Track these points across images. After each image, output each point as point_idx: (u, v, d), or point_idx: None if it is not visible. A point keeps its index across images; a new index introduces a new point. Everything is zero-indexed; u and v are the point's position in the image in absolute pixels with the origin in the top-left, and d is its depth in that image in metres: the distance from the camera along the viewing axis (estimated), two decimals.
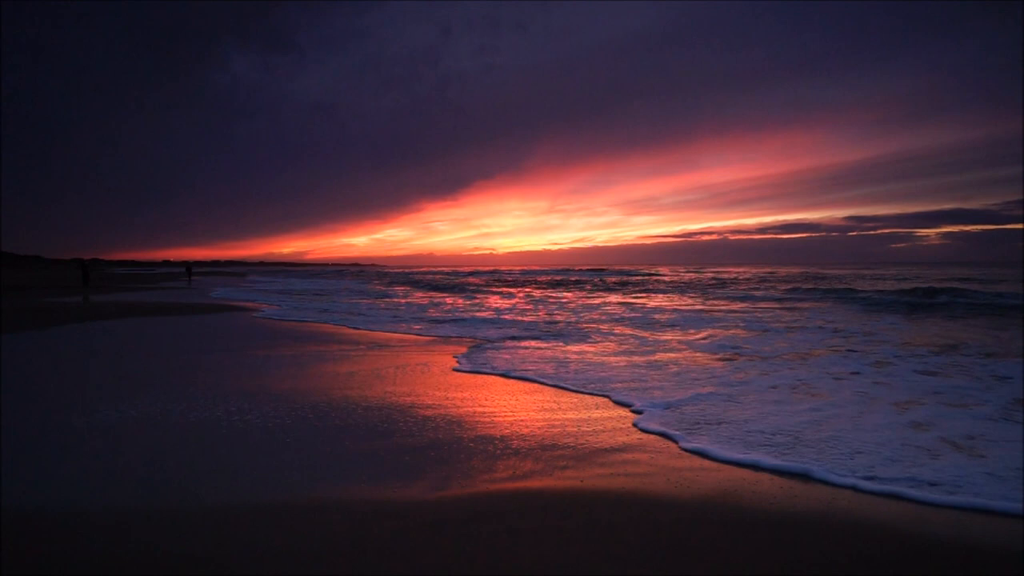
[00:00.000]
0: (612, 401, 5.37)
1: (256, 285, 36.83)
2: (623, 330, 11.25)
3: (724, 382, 6.15)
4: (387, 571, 2.35)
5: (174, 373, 6.58)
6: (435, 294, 26.85)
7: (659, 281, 37.60)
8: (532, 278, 47.91)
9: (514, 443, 4.10)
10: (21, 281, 35.67)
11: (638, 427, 4.54)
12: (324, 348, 8.78)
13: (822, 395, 5.50)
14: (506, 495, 3.17)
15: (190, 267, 54.69)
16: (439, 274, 66.45)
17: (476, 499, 3.11)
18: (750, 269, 72.06)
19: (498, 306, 18.54)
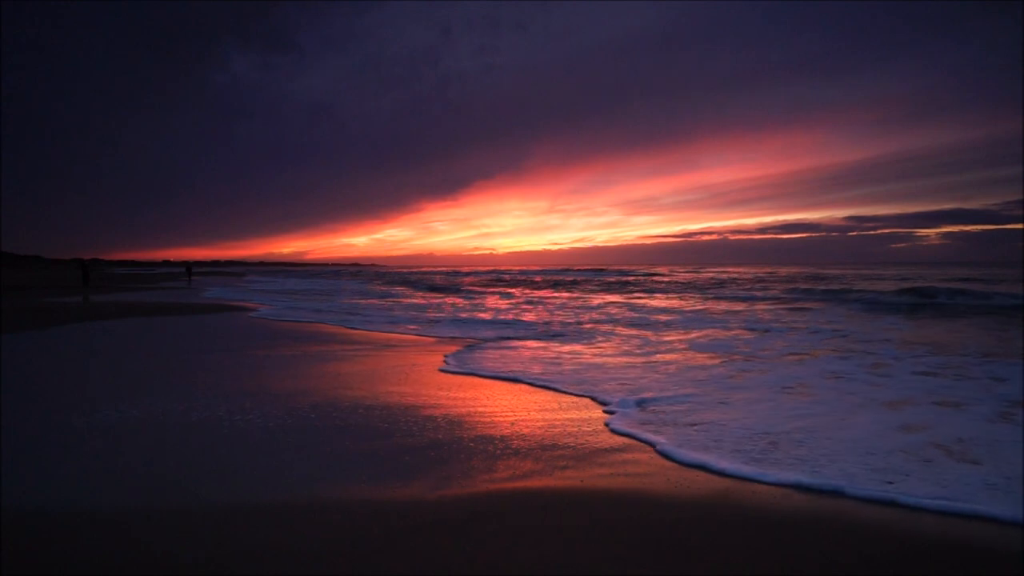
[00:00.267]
0: (595, 401, 5.37)
1: (253, 285, 36.83)
2: (621, 330, 11.25)
3: (716, 382, 6.11)
4: (387, 571, 2.35)
5: (173, 373, 6.58)
6: (434, 294, 26.85)
7: (659, 281, 37.60)
8: (532, 278, 47.90)
9: (514, 443, 4.10)
10: (21, 281, 35.66)
11: (609, 427, 4.51)
12: (322, 348, 8.78)
13: (815, 396, 5.48)
14: (506, 495, 3.17)
15: (190, 267, 54.72)
16: (438, 274, 66.44)
17: (476, 499, 3.11)
18: (750, 269, 72.03)
19: (497, 306, 18.54)
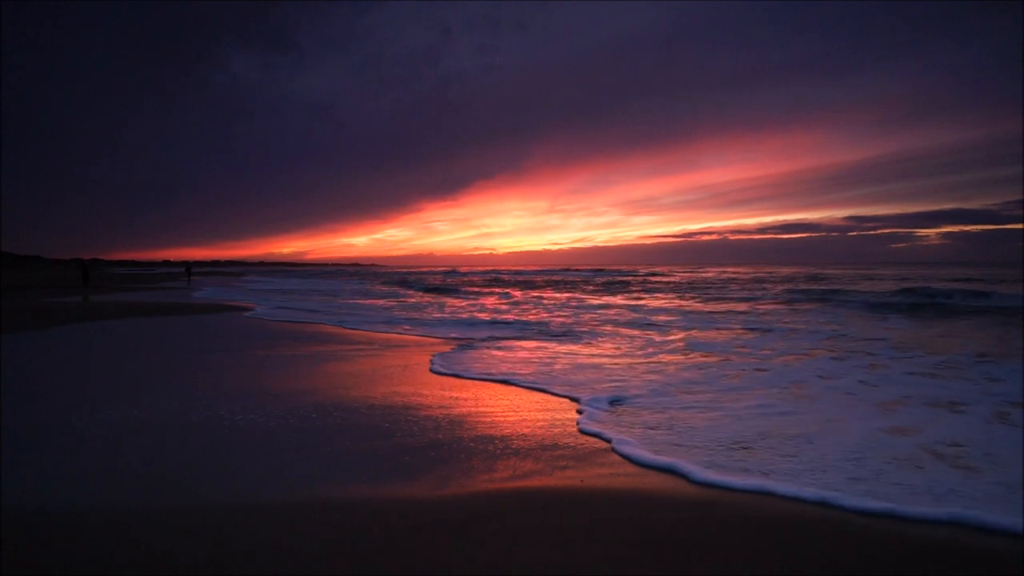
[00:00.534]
0: (569, 400, 5.37)
1: (252, 285, 36.81)
2: (620, 330, 11.25)
3: (708, 383, 6.07)
4: (387, 571, 2.35)
5: (173, 373, 6.58)
6: (433, 294, 26.85)
7: (658, 281, 37.61)
8: (531, 278, 47.92)
9: (514, 443, 4.10)
10: (21, 281, 35.66)
11: (578, 426, 4.51)
12: (321, 348, 8.78)
13: (807, 397, 5.45)
14: (506, 495, 3.17)
15: (190, 267, 54.74)
16: (438, 274, 66.44)
17: (476, 499, 3.11)
18: (750, 269, 72.04)
19: (495, 306, 18.54)
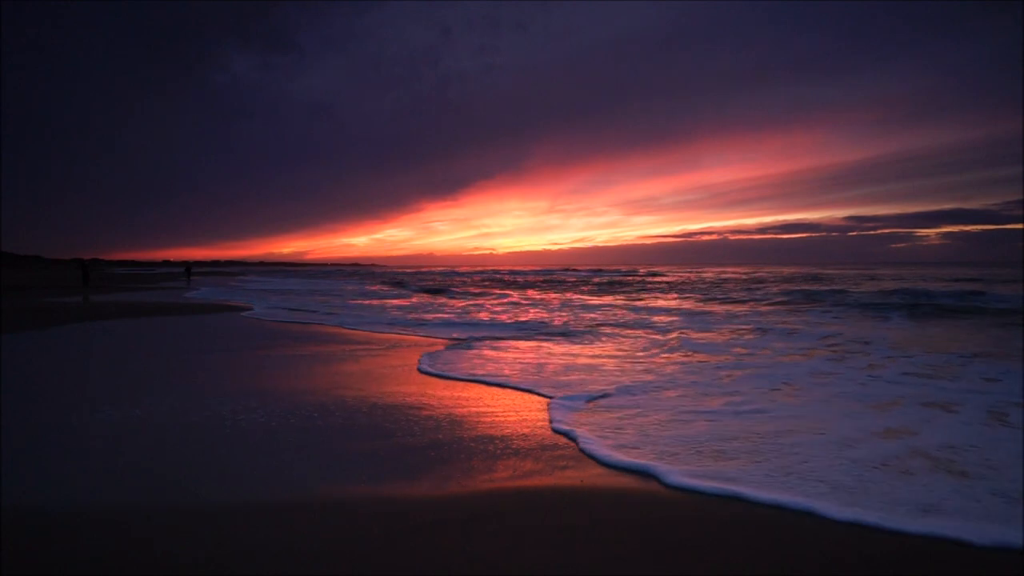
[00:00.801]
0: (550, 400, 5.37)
1: (250, 285, 36.78)
2: (619, 331, 11.25)
3: (707, 384, 6.06)
4: (387, 571, 2.35)
5: (173, 373, 6.58)
6: (432, 294, 26.84)
7: (658, 281, 37.60)
8: (531, 278, 47.91)
9: (514, 443, 4.10)
10: (21, 281, 35.65)
11: (550, 425, 4.51)
12: (320, 348, 8.78)
13: (800, 397, 5.45)
14: (506, 495, 3.17)
15: (189, 267, 54.75)
16: (437, 274, 66.43)
17: (476, 499, 3.11)
18: (750, 269, 72.05)
19: (495, 307, 18.54)
